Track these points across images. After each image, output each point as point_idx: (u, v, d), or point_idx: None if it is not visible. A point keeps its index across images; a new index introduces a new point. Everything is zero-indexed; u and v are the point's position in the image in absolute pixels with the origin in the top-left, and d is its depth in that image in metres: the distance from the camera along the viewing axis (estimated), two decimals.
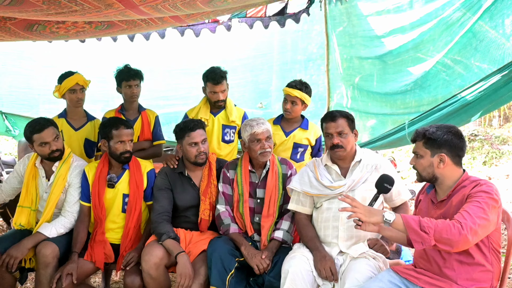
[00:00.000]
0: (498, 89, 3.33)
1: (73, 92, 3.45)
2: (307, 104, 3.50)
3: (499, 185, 6.17)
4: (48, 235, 2.90)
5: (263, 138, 2.89)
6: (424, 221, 2.04)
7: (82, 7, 2.16)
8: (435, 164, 2.20)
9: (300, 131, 3.51)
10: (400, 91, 4.37)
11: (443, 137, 2.18)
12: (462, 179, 2.20)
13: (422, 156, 2.24)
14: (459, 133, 2.22)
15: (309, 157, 3.60)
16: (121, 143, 2.97)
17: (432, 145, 2.20)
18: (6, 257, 2.77)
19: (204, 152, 2.97)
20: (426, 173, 2.24)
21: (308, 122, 3.58)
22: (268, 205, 2.90)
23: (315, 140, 3.57)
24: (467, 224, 1.98)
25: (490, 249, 2.12)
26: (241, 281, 2.67)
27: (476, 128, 8.77)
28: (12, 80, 5.53)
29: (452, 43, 3.83)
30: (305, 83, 3.50)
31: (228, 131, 3.59)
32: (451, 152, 2.19)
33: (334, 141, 2.63)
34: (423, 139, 2.23)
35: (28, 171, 3.06)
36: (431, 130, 2.21)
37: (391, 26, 4.28)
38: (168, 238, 2.73)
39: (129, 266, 2.81)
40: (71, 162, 3.11)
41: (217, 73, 3.45)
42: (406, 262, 3.02)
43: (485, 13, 3.56)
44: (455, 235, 1.97)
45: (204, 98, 3.63)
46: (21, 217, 3.01)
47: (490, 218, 2.03)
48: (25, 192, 3.04)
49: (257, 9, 4.66)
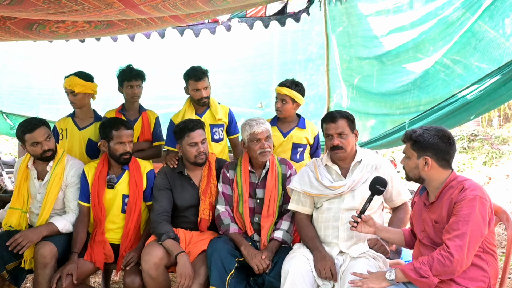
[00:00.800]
0: (497, 89, 3.34)
1: (67, 94, 3.49)
2: (299, 103, 3.48)
3: (499, 185, 6.17)
4: (61, 228, 2.94)
5: (263, 138, 2.89)
6: (418, 266, 2.12)
7: (82, 6, 2.16)
8: (420, 166, 2.23)
9: (297, 130, 3.50)
10: (399, 91, 4.37)
11: (429, 140, 2.20)
12: (449, 179, 2.20)
13: (409, 157, 2.27)
14: (446, 136, 2.21)
15: (308, 156, 3.59)
16: (120, 144, 2.98)
17: (418, 147, 2.23)
18: (20, 237, 2.78)
19: (203, 152, 2.97)
20: (413, 174, 2.28)
21: (304, 121, 3.57)
22: (267, 205, 2.90)
23: (313, 138, 3.57)
24: (456, 251, 2.03)
25: (485, 250, 2.13)
26: (241, 281, 2.67)
27: (476, 128, 8.78)
28: (13, 79, 5.54)
29: (452, 42, 3.83)
30: (297, 82, 3.49)
31: (216, 130, 3.59)
32: (436, 156, 2.20)
33: (334, 142, 2.63)
34: (410, 140, 2.26)
35: (20, 173, 3.06)
36: (418, 133, 2.23)
37: (390, 26, 4.28)
38: (168, 238, 2.73)
39: (129, 266, 2.81)
40: (66, 161, 3.11)
41: (198, 70, 3.47)
42: (406, 262, 3.02)
43: (485, 13, 3.56)
44: (448, 266, 2.04)
45: (187, 101, 3.63)
46: (11, 218, 3.00)
47: (479, 228, 2.05)
48: (16, 193, 3.04)
49: (257, 9, 4.66)
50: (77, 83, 3.43)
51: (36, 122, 2.98)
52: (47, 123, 3.05)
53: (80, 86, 3.44)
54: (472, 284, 2.10)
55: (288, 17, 4.65)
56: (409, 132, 2.29)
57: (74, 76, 3.46)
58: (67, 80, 3.46)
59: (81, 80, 3.44)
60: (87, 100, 3.53)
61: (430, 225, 2.23)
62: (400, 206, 2.77)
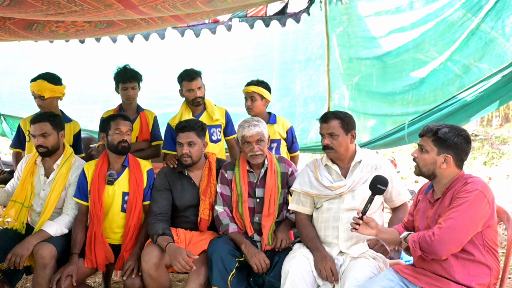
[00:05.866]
0: (498, 89, 3.34)
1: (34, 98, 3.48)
2: (268, 99, 3.62)
3: (499, 185, 6.16)
4: (53, 234, 2.91)
5: (253, 141, 2.88)
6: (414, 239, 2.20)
7: (82, 7, 2.16)
8: (438, 163, 2.22)
9: (269, 126, 3.52)
10: (399, 91, 4.38)
11: (454, 139, 2.20)
12: (457, 177, 2.22)
13: (428, 151, 2.25)
14: (468, 138, 2.24)
15: (286, 151, 3.71)
16: (118, 133, 2.96)
17: (441, 144, 2.22)
18: (12, 256, 2.77)
19: (187, 154, 2.94)
20: (427, 169, 2.26)
21: (275, 117, 3.69)
22: (268, 204, 2.90)
23: (285, 132, 3.68)
24: (438, 231, 2.10)
25: (485, 246, 2.13)
26: (242, 281, 2.67)
27: (476, 128, 8.76)
28: (13, 80, 5.55)
29: (452, 43, 3.84)
30: (262, 81, 3.64)
31: (214, 130, 3.62)
32: (457, 155, 2.21)
33: (324, 142, 2.66)
34: (433, 136, 2.24)
35: (28, 168, 3.08)
36: (443, 130, 2.22)
37: (391, 27, 4.28)
38: (158, 237, 2.72)
39: (126, 276, 2.74)
40: (73, 162, 3.12)
41: (190, 71, 3.55)
42: (406, 262, 3.02)
43: (486, 14, 3.56)
44: (429, 244, 2.12)
45: (183, 104, 3.66)
46: (11, 211, 3.01)
47: (470, 218, 2.07)
48: (20, 187, 3.05)
49: (257, 9, 4.66)
50: (46, 88, 3.39)
51: (40, 116, 3.05)
52: (54, 121, 3.04)
53: (50, 91, 3.40)
54: (472, 281, 2.11)
55: (288, 18, 4.65)
56: (432, 127, 2.27)
57: (42, 81, 3.40)
58: (34, 84, 3.41)
59: (49, 84, 3.40)
60: (55, 103, 3.51)
61: (434, 221, 2.23)
62: (400, 206, 2.77)
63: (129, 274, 2.74)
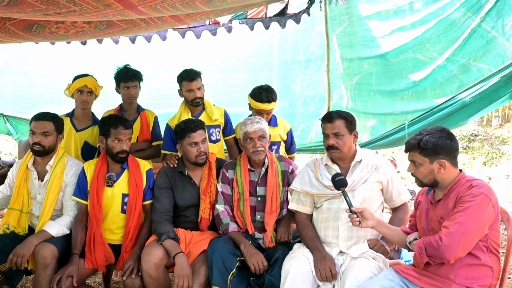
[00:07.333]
0: (497, 90, 3.34)
1: (81, 93, 3.48)
2: None
3: (499, 185, 6.16)
4: (54, 234, 2.91)
5: (255, 137, 2.91)
6: (420, 245, 2.19)
7: (81, 7, 2.16)
8: (435, 170, 2.23)
9: (270, 129, 3.50)
10: (399, 91, 4.38)
11: (438, 143, 2.20)
12: (459, 178, 2.22)
13: (421, 164, 2.25)
14: (450, 134, 2.24)
15: (284, 152, 3.70)
16: (118, 141, 2.96)
17: (429, 153, 2.22)
18: (14, 256, 2.77)
19: (204, 152, 2.98)
20: (428, 179, 2.27)
21: (276, 119, 3.67)
22: (270, 202, 2.92)
23: (286, 134, 3.68)
24: (446, 236, 2.08)
25: (489, 247, 2.13)
26: (242, 280, 2.67)
27: (476, 128, 8.76)
28: (15, 79, 5.55)
29: (452, 43, 3.84)
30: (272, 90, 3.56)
31: (213, 130, 3.61)
32: (449, 155, 2.22)
33: (329, 142, 2.64)
34: (418, 149, 2.24)
35: (20, 174, 3.05)
36: (424, 139, 2.22)
37: (391, 27, 4.28)
38: (167, 238, 2.73)
39: (126, 275, 2.75)
40: (66, 161, 3.11)
41: (190, 71, 3.53)
42: (406, 262, 3.02)
43: (486, 13, 3.56)
44: (437, 249, 2.10)
45: (183, 104, 3.66)
46: (9, 219, 3.00)
47: (477, 222, 2.07)
48: (16, 194, 3.03)
49: (257, 10, 4.66)
50: (96, 84, 3.49)
51: (45, 115, 3.04)
52: (56, 122, 3.06)
53: (98, 87, 3.51)
54: (474, 283, 2.11)
55: (288, 19, 4.66)
56: (412, 141, 2.27)
57: (91, 77, 3.50)
58: (86, 79, 3.47)
59: (96, 81, 3.51)
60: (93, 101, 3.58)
61: (436, 222, 2.23)
62: (400, 206, 2.77)
63: (129, 274, 2.74)
